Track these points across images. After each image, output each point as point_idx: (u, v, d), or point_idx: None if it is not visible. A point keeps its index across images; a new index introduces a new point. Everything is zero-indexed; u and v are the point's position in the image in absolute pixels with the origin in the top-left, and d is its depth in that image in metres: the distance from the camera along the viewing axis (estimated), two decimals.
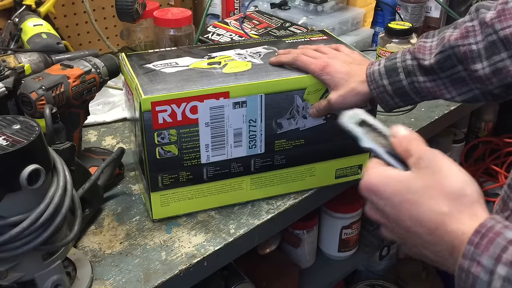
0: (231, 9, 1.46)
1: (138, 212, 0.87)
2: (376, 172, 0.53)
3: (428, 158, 0.51)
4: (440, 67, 0.76)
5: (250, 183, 0.87)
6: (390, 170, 0.53)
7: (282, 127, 0.84)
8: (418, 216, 0.49)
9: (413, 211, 0.50)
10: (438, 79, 0.77)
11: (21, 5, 1.15)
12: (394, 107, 0.83)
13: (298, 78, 0.82)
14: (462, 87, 0.76)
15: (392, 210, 0.51)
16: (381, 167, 0.54)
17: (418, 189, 0.50)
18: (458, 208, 0.48)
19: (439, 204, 0.48)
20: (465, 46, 0.73)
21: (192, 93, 0.76)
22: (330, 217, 1.33)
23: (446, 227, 0.47)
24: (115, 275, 0.74)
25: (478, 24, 0.73)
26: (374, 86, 0.81)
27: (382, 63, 0.81)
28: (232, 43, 0.97)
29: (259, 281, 1.20)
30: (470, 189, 0.49)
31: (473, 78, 0.74)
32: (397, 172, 0.52)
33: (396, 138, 0.54)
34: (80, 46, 1.34)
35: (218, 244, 0.80)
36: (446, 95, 0.78)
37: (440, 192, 0.49)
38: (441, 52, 0.75)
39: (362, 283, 1.61)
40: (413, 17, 1.42)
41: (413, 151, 0.52)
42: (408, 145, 0.53)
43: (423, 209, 0.49)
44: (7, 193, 0.57)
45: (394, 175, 0.52)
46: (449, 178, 0.49)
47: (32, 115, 0.77)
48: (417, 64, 0.78)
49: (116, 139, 1.09)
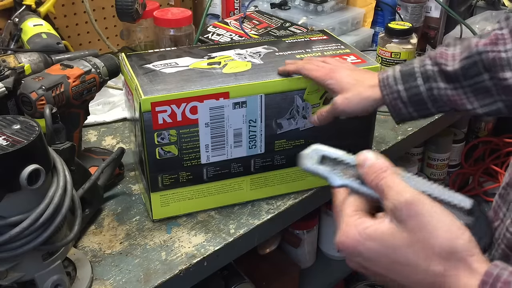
0: (231, 9, 1.46)
1: (138, 212, 0.87)
2: (350, 229, 0.49)
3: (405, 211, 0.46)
4: (464, 74, 0.71)
5: (250, 183, 0.87)
6: (367, 223, 0.48)
7: (282, 127, 0.84)
8: (413, 278, 0.46)
9: (405, 273, 0.47)
10: (460, 88, 0.72)
11: (21, 5, 1.15)
12: (405, 118, 0.78)
13: (298, 78, 0.81)
14: (485, 98, 0.71)
15: (380, 270, 0.48)
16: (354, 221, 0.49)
17: (406, 249, 0.46)
18: (454, 265, 0.45)
19: (433, 265, 0.45)
20: (494, 53, 0.68)
21: (192, 94, 0.76)
22: (330, 217, 1.33)
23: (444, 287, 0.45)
24: (115, 275, 0.74)
25: (508, 33, 0.68)
26: (387, 91, 0.76)
27: (398, 68, 0.77)
28: (232, 43, 0.97)
29: (259, 281, 1.20)
30: (460, 241, 0.45)
31: (500, 88, 0.69)
32: (374, 226, 0.48)
33: (363, 169, 0.50)
34: (80, 46, 1.35)
35: (218, 244, 0.80)
36: (467, 106, 0.72)
37: (431, 252, 0.45)
38: (467, 58, 0.70)
39: (362, 283, 1.61)
40: (413, 17, 1.42)
41: (386, 193, 0.48)
42: (377, 181, 0.48)
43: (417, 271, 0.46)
44: (7, 193, 0.57)
45: (374, 233, 0.47)
46: (436, 235, 0.45)
47: (32, 115, 0.77)
48: (439, 70, 0.73)
49: (116, 139, 1.09)
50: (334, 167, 0.53)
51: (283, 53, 0.89)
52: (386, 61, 1.23)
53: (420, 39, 1.39)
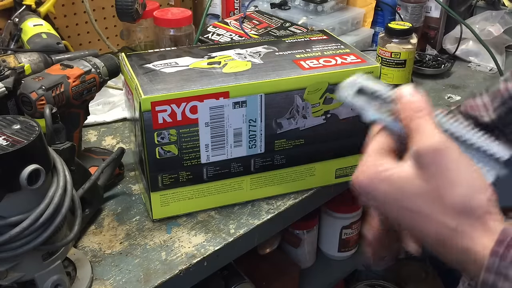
0: (231, 9, 1.46)
1: (138, 212, 0.87)
2: (367, 169, 0.47)
3: (431, 155, 0.43)
4: (503, 122, 0.69)
5: (250, 183, 0.87)
6: (386, 164, 0.46)
7: (282, 127, 0.84)
8: (421, 227, 0.45)
9: (414, 221, 0.45)
10: (502, 136, 0.70)
11: (21, 5, 1.15)
12: None
13: (298, 78, 0.81)
14: None
15: (389, 212, 0.47)
16: (374, 161, 0.47)
17: (419, 197, 0.44)
18: (468, 222, 0.43)
19: (445, 218, 0.43)
20: None
21: (192, 93, 0.76)
22: (330, 217, 1.33)
23: (456, 243, 0.43)
24: (115, 275, 0.74)
25: None
26: None
27: None
28: (232, 43, 0.97)
29: (259, 281, 1.20)
30: (479, 198, 0.43)
31: None
32: (392, 170, 0.46)
33: (400, 104, 0.47)
34: (80, 46, 1.34)
35: (218, 244, 0.80)
36: None
37: (445, 203, 0.43)
38: (502, 105, 0.69)
39: (362, 283, 1.62)
40: (413, 17, 1.42)
41: (414, 135, 0.45)
42: (410, 120, 0.46)
43: (427, 220, 0.44)
44: (7, 193, 0.57)
45: (390, 176, 0.46)
46: (455, 186, 0.43)
47: (32, 115, 0.77)
48: (475, 123, 0.71)
49: (116, 139, 1.09)
50: (371, 101, 0.50)
51: (283, 53, 0.89)
52: (386, 61, 1.23)
53: (420, 39, 1.39)
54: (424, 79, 1.36)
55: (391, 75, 1.24)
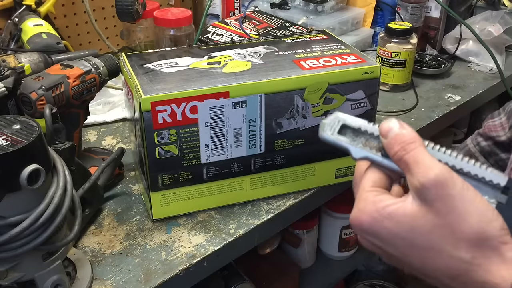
0: (231, 9, 1.46)
1: (138, 212, 0.87)
2: (366, 206, 0.44)
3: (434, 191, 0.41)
4: None
5: (250, 183, 0.87)
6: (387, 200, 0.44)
7: (282, 127, 0.84)
8: (433, 264, 0.42)
9: (425, 258, 0.43)
10: None
11: (21, 5, 1.15)
12: None
13: (298, 78, 0.81)
14: None
15: (395, 253, 0.44)
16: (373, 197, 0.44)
17: (430, 233, 0.42)
18: (484, 253, 0.41)
19: (459, 252, 0.41)
20: None
21: (192, 93, 0.76)
22: (330, 217, 1.33)
23: (470, 276, 0.41)
24: (115, 275, 0.74)
25: None
26: None
27: None
28: (232, 43, 0.97)
29: (259, 281, 1.20)
30: (492, 228, 0.41)
31: None
32: (394, 205, 0.43)
33: (389, 138, 0.45)
34: (80, 46, 1.35)
35: (218, 244, 0.80)
36: None
37: (458, 236, 0.41)
38: None
39: (362, 283, 1.62)
40: (413, 17, 1.42)
41: (412, 168, 0.43)
42: (404, 153, 0.44)
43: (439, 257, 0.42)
44: (7, 193, 0.57)
45: (394, 212, 0.43)
46: (466, 219, 0.41)
47: (32, 115, 0.77)
48: (494, 143, 0.72)
49: (116, 139, 1.09)
50: (355, 138, 0.48)
51: (283, 53, 0.89)
52: (386, 61, 1.23)
53: (420, 39, 1.39)
54: (424, 79, 1.36)
55: (391, 75, 1.24)
